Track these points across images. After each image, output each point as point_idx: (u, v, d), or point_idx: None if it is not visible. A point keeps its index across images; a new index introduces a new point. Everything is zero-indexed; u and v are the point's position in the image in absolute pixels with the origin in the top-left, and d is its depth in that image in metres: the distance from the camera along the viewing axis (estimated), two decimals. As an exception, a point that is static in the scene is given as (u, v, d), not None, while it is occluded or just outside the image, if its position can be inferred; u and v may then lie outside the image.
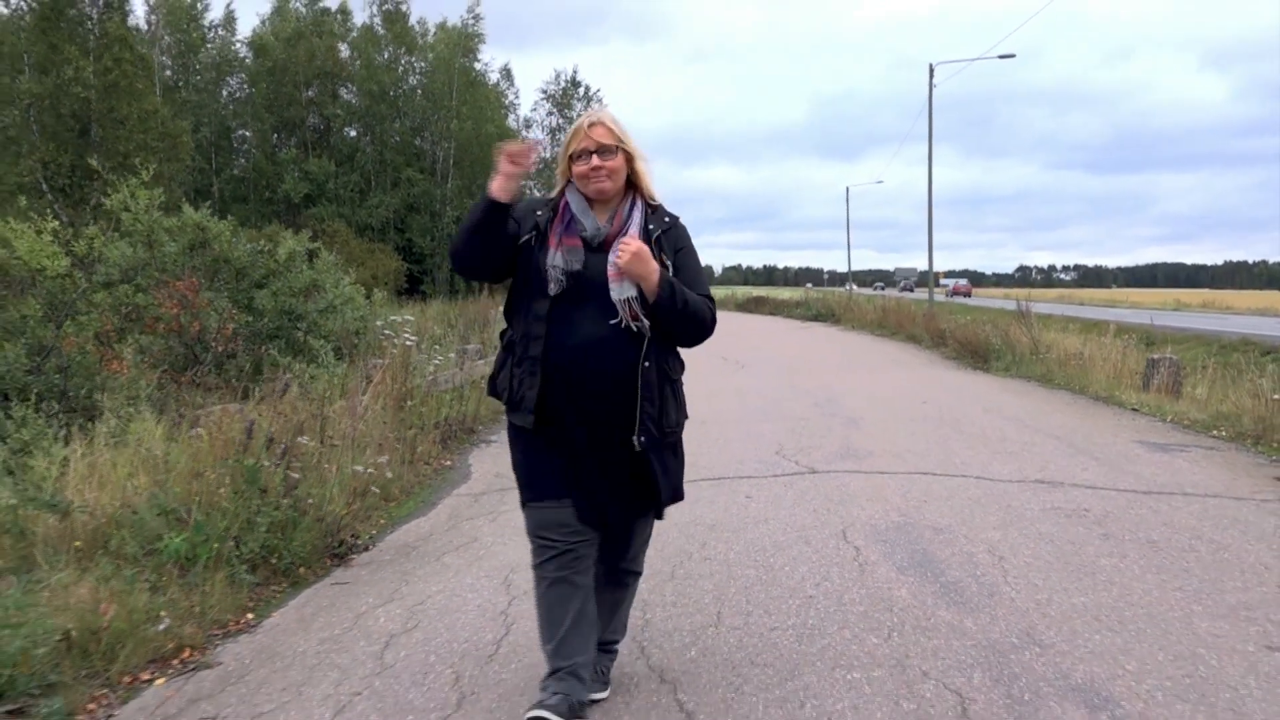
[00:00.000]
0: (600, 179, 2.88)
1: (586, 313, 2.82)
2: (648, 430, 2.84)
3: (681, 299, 2.80)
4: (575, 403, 2.83)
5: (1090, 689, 3.09)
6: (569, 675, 2.85)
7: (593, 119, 2.94)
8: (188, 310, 9.53)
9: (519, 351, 2.91)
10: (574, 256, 2.83)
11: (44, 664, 3.33)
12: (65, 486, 5.15)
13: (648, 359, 2.82)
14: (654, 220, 2.94)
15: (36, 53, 28.84)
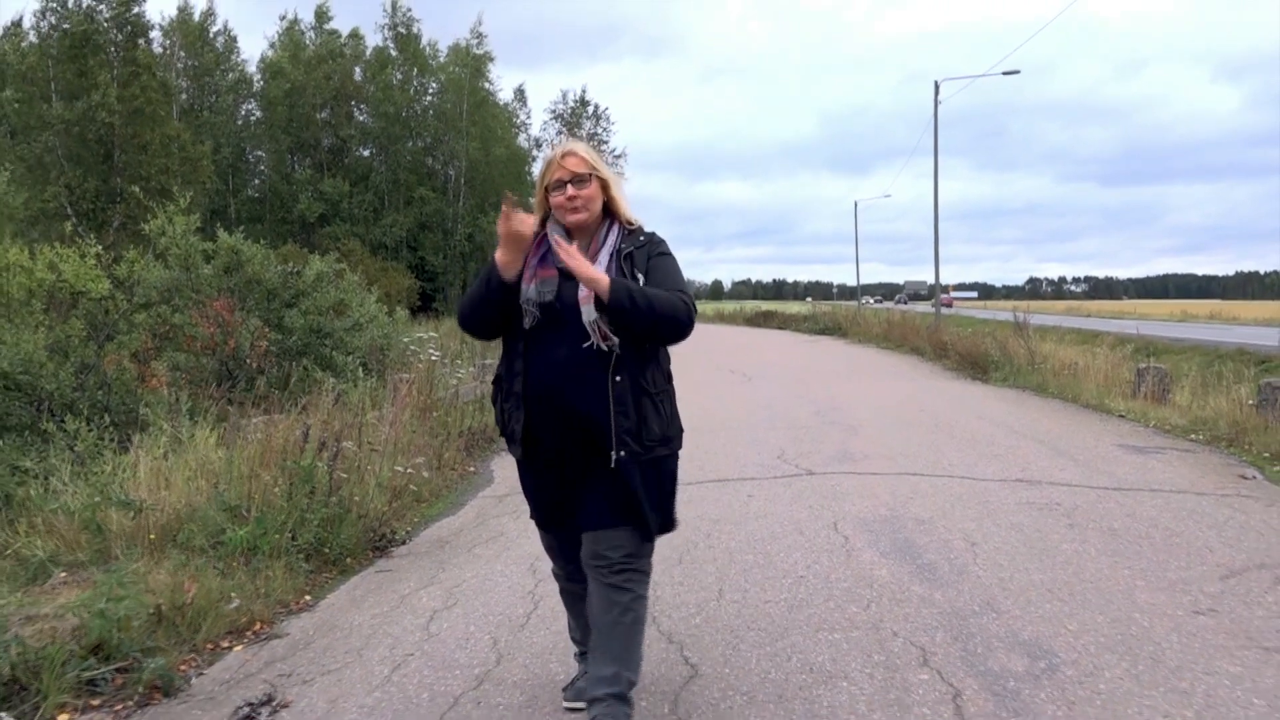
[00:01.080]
0: (576, 208, 2.92)
1: (562, 340, 2.86)
2: (626, 444, 2.84)
3: (643, 299, 2.76)
4: (560, 428, 2.90)
5: (1034, 644, 3.63)
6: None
7: (565, 149, 2.98)
8: (223, 329, 10.13)
9: (505, 387, 3.02)
10: (546, 287, 2.88)
11: (141, 632, 3.90)
12: (133, 489, 5.73)
13: (619, 374, 2.84)
14: (628, 240, 2.97)
15: (64, 79, 29.68)
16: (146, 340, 10.81)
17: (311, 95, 48.87)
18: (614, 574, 2.92)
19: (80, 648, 3.68)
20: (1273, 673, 3.33)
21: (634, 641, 2.97)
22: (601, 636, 2.94)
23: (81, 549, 5.20)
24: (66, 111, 28.51)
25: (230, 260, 10.60)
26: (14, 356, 9.12)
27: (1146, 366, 11.87)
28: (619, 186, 3.03)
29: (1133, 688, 3.22)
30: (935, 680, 3.31)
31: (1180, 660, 3.46)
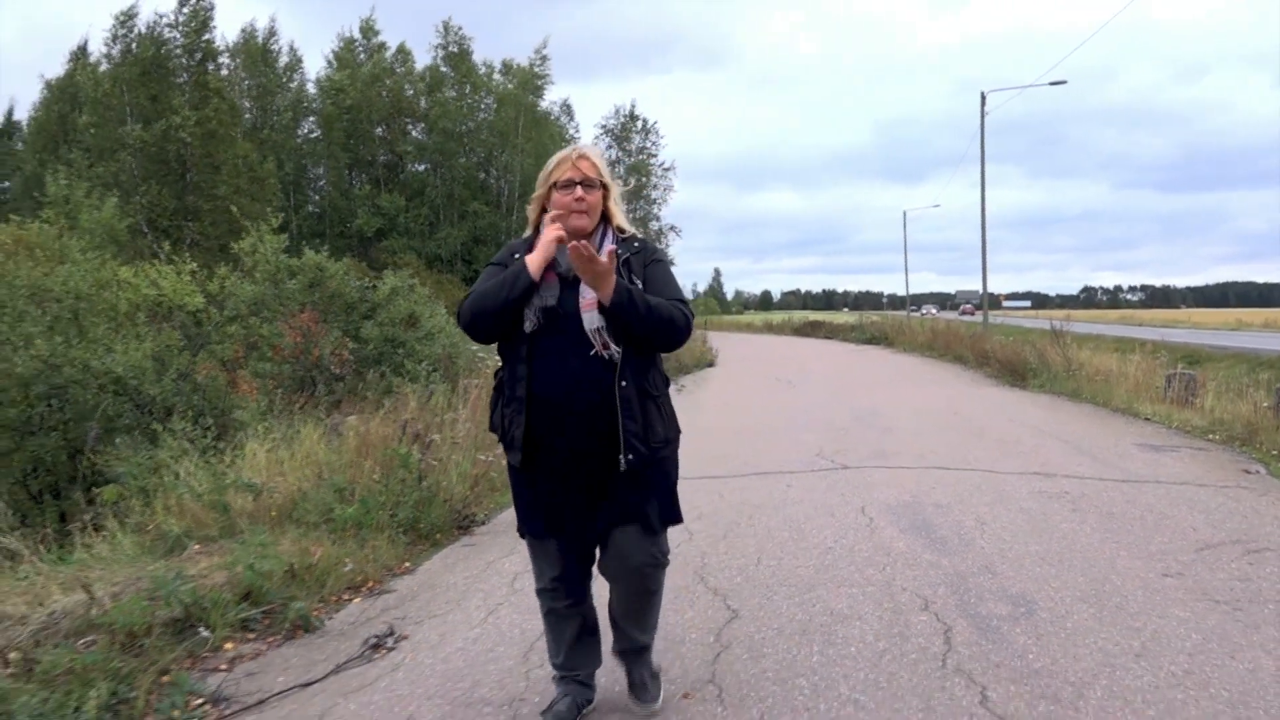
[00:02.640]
0: (583, 210, 2.97)
1: (564, 345, 2.89)
2: (634, 448, 2.89)
3: (643, 304, 2.81)
4: (563, 434, 2.92)
5: (1020, 596, 4.34)
6: (573, 681, 3.24)
7: (581, 151, 3.04)
8: (309, 339, 11.08)
9: (507, 391, 3.01)
10: (549, 292, 2.91)
11: (280, 584, 4.75)
12: (250, 477, 6.62)
13: (624, 379, 2.88)
14: (623, 247, 3.02)
15: (138, 103, 31.28)
16: (238, 349, 11.82)
17: (368, 112, 50.37)
18: (642, 578, 3.09)
19: (233, 595, 4.54)
20: (1216, 618, 4.02)
21: (656, 613, 3.29)
22: (631, 615, 3.20)
23: (209, 526, 6.08)
24: (144, 133, 30.04)
25: (314, 276, 11.56)
26: (126, 364, 10.13)
27: (1174, 373, 12.39)
28: (617, 197, 3.11)
29: (1094, 626, 3.93)
30: (932, 620, 4.05)
31: (1140, 608, 4.16)
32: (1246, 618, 4.00)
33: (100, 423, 10.25)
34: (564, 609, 3.16)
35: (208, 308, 12.01)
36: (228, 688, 3.66)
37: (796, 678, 3.49)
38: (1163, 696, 3.22)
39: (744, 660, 3.68)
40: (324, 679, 3.74)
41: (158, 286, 11.78)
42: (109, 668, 3.61)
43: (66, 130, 45.34)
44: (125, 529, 6.25)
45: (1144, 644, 3.72)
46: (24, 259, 11.73)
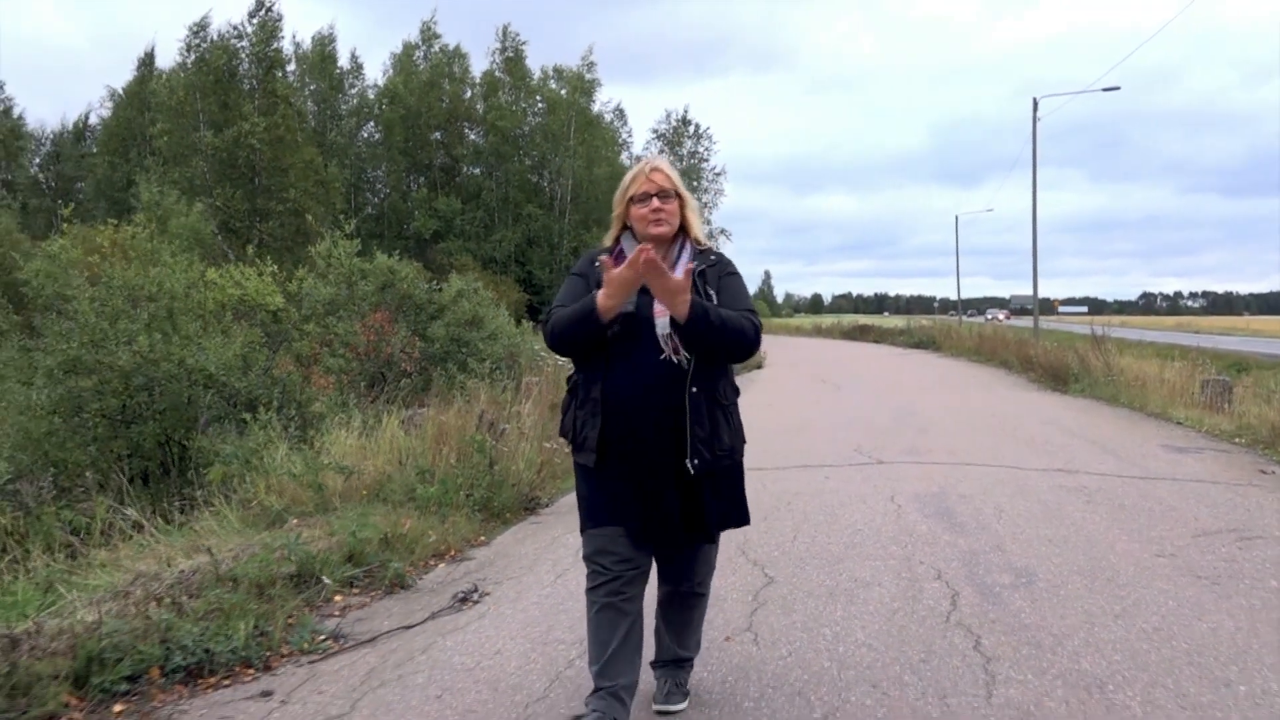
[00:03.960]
0: (660, 221, 3.07)
1: (640, 350, 2.96)
2: (700, 454, 2.97)
3: (717, 317, 2.89)
4: (634, 434, 2.98)
5: (1023, 569, 4.94)
6: (610, 696, 3.03)
7: (653, 164, 3.14)
8: (382, 338, 11.88)
9: (581, 394, 3.10)
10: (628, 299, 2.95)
11: (377, 549, 5.47)
12: (341, 460, 7.38)
13: (695, 385, 2.96)
14: (699, 259, 3.10)
15: (210, 111, 32.63)
16: (315, 347, 12.66)
17: (426, 118, 51.63)
18: (696, 584, 3.28)
19: (339, 557, 5.28)
20: (1194, 590, 4.59)
21: (700, 626, 3.43)
22: (674, 631, 3.35)
23: (306, 503, 6.84)
24: (216, 140, 31.37)
25: (386, 278, 12.37)
26: (218, 360, 11.00)
27: (1210, 379, 12.77)
28: (694, 208, 3.20)
29: (1083, 594, 4.52)
30: (943, 587, 4.67)
31: (1128, 580, 4.73)
32: (1221, 590, 4.57)
33: (193, 413, 11.14)
34: (618, 603, 3.08)
35: (287, 307, 12.85)
36: (344, 628, 4.39)
37: (821, 628, 4.13)
38: (1130, 646, 3.82)
39: (777, 614, 4.33)
40: (422, 623, 4.45)
41: (241, 287, 12.64)
42: (247, 608, 4.34)
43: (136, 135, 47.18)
44: (231, 505, 7.04)
45: (1124, 608, 4.31)
46: (119, 261, 12.67)
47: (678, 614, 3.35)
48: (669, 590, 3.33)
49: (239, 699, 3.60)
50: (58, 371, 11.22)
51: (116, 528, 7.10)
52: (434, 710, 3.41)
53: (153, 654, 3.82)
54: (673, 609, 3.35)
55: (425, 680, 3.71)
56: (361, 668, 3.88)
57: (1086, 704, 3.27)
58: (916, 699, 3.35)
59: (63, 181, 55.66)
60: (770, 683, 3.54)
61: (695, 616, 3.39)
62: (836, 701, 3.35)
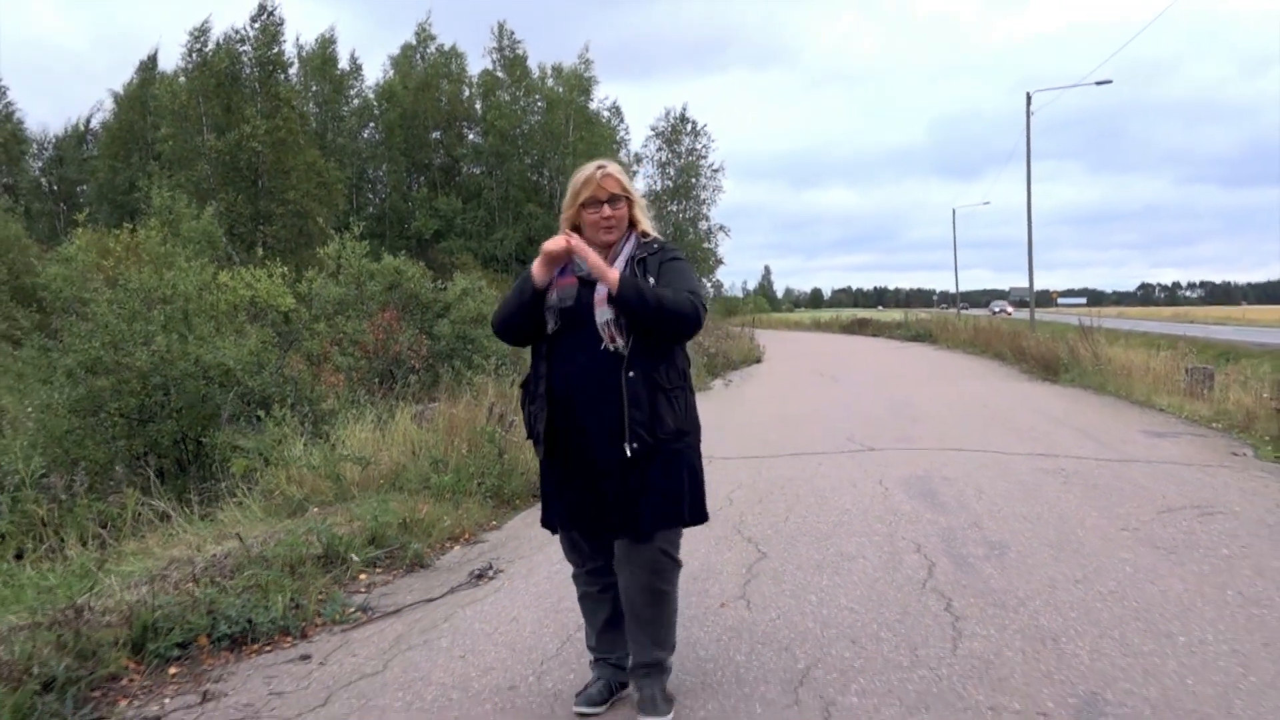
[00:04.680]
0: (610, 227, 3.15)
1: (580, 342, 3.06)
2: (639, 437, 3.00)
3: (651, 295, 2.97)
4: (578, 425, 3.08)
5: (996, 542, 5.34)
6: (606, 664, 3.42)
7: (604, 170, 3.16)
8: (390, 336, 12.28)
9: (531, 388, 3.24)
10: (567, 294, 3.09)
11: (396, 532, 5.87)
12: (357, 452, 7.77)
13: (631, 369, 3.02)
14: (642, 248, 3.18)
15: (213, 114, 33.03)
16: (325, 346, 13.06)
17: (425, 118, 52.01)
18: (650, 573, 3.16)
19: (361, 539, 5.67)
20: (1152, 558, 4.98)
21: (670, 625, 3.29)
22: (640, 625, 3.23)
23: (325, 493, 7.23)
24: (218, 143, 31.77)
25: (393, 278, 12.77)
26: (234, 358, 11.40)
27: (1193, 367, 13.16)
28: (643, 207, 3.27)
29: (1049, 562, 4.92)
30: (921, 558, 5.07)
31: (1092, 550, 5.13)
32: (1176, 559, 4.96)
33: (208, 411, 11.54)
34: (595, 594, 3.35)
35: (297, 308, 13.25)
36: (370, 602, 4.79)
37: (808, 594, 4.52)
38: (1086, 605, 4.21)
39: (768, 584, 4.73)
40: (443, 597, 4.85)
41: (252, 288, 13.04)
42: (282, 584, 4.73)
43: (137, 138, 47.58)
44: (254, 496, 7.43)
45: (1085, 574, 4.70)
46: (133, 264, 13.06)
47: (643, 605, 3.20)
48: (627, 589, 3.22)
49: (280, 662, 4.00)
50: (78, 371, 11.61)
51: (144, 519, 7.49)
52: (459, 668, 3.81)
53: (200, 624, 4.23)
54: (630, 600, 3.23)
55: (449, 644, 4.10)
56: (390, 634, 4.28)
57: (1041, 654, 3.66)
58: (890, 651, 3.74)
59: (65, 185, 56.06)
60: (760, 640, 3.94)
61: (659, 612, 3.23)
62: (819, 654, 3.74)
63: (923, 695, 3.31)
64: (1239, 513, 6.00)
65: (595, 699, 3.32)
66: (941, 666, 3.57)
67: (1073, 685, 3.35)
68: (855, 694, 3.35)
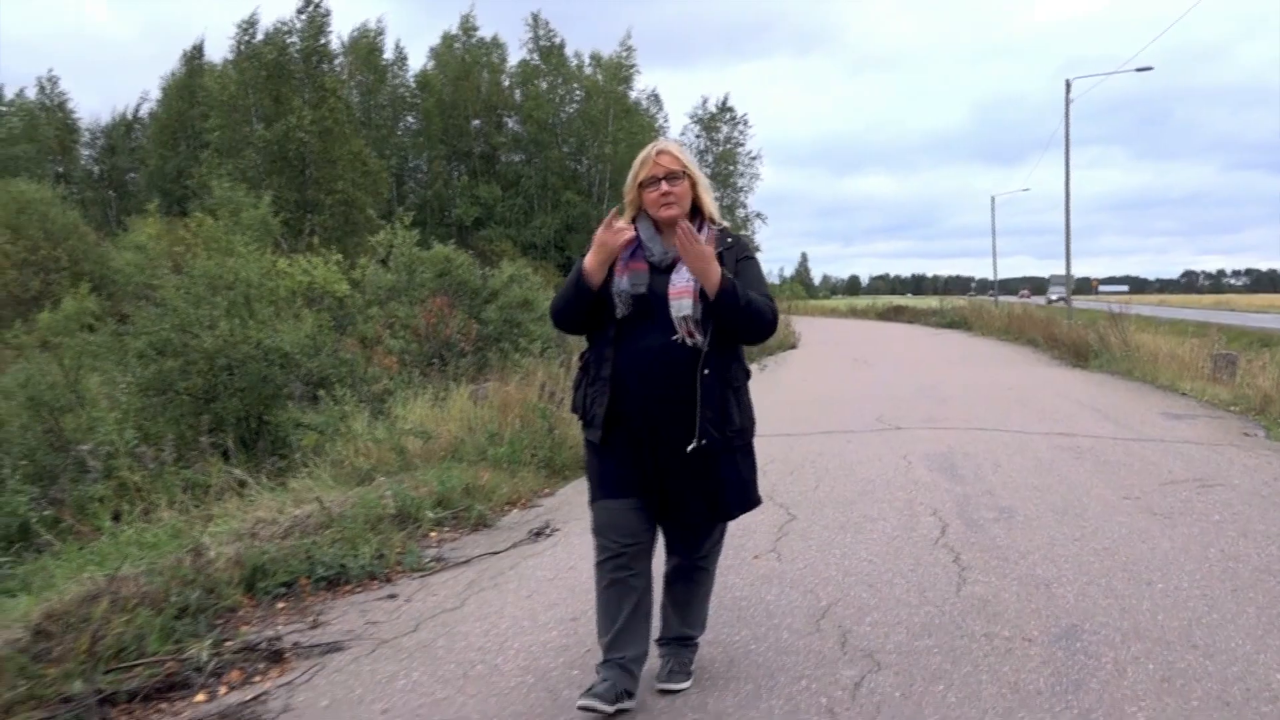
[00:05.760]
0: (670, 203, 3.11)
1: (651, 330, 3.05)
2: (708, 433, 3.03)
3: (744, 298, 2.98)
4: (643, 413, 3.07)
5: (1007, 508, 5.86)
6: (618, 666, 3.15)
7: (659, 147, 3.18)
8: (441, 320, 12.93)
9: (592, 372, 3.21)
10: (639, 280, 3.07)
11: (460, 496, 6.48)
12: (419, 425, 8.41)
13: (706, 367, 3.03)
14: (717, 241, 3.16)
15: (262, 105, 33.95)
16: (378, 329, 13.74)
17: (465, 107, 52.77)
18: (701, 558, 3.38)
19: (430, 502, 6.29)
20: (1147, 522, 5.48)
21: (704, 604, 3.49)
22: (676, 604, 3.41)
23: (390, 464, 7.86)
24: (266, 132, 32.68)
25: (443, 266, 13.42)
26: (293, 341, 12.10)
27: (1219, 353, 13.52)
28: (706, 187, 3.23)
29: (1053, 525, 5.44)
30: (935, 520, 5.60)
31: (1094, 515, 5.64)
32: (1170, 523, 5.46)
33: (269, 391, 12.26)
34: (625, 579, 3.17)
35: (352, 293, 13.94)
36: (443, 554, 5.41)
37: (832, 549, 5.08)
38: (1079, 559, 4.74)
39: (797, 541, 5.29)
40: (506, 550, 5.46)
41: (309, 274, 13.74)
42: (365, 537, 5.36)
43: (185, 127, 48.73)
44: (323, 466, 8.08)
45: (1083, 534, 5.22)
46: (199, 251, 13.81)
47: (683, 589, 3.40)
48: (675, 564, 3.39)
49: (371, 600, 4.62)
50: (149, 353, 12.37)
51: (225, 488, 8.16)
52: (526, 604, 4.41)
53: (300, 568, 4.87)
54: (678, 584, 3.40)
55: (516, 586, 4.71)
56: (463, 579, 4.89)
57: (1033, 596, 4.20)
58: (901, 593, 4.30)
59: (115, 174, 57.45)
60: (788, 584, 4.51)
61: (700, 592, 3.45)
62: (839, 595, 4.31)
63: (926, 625, 3.87)
64: (1237, 485, 6.47)
65: (605, 695, 3.06)
66: (945, 604, 4.12)
67: (1057, 619, 3.89)
68: (869, 625, 3.91)
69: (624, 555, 3.17)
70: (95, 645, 3.68)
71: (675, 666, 3.39)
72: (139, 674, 3.60)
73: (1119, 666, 3.40)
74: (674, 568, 3.41)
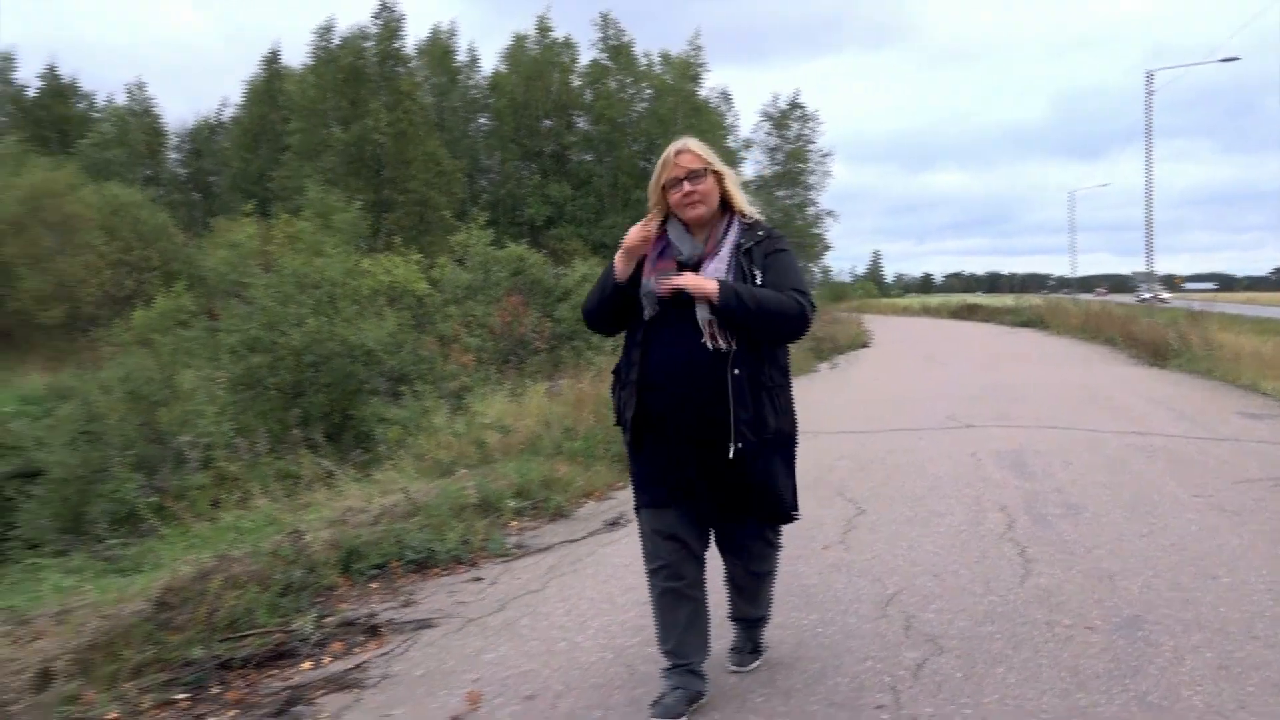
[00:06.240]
0: (694, 203, 3.07)
1: (680, 331, 2.99)
2: (744, 436, 2.96)
3: (752, 300, 2.92)
4: (673, 416, 3.02)
5: (1075, 504, 5.94)
6: (686, 671, 3.16)
7: (679, 147, 3.12)
8: (516, 319, 13.27)
9: (622, 375, 3.20)
10: (666, 278, 3.02)
11: (539, 487, 6.75)
12: (498, 420, 8.71)
13: (737, 367, 2.96)
14: (746, 235, 3.09)
15: (340, 109, 34.86)
16: (455, 328, 14.14)
17: (535, 107, 53.37)
18: (753, 559, 3.36)
19: (510, 493, 6.57)
20: (1216, 519, 5.52)
21: (769, 590, 3.53)
22: (741, 594, 3.47)
23: (470, 457, 8.16)
24: (344, 135, 33.54)
25: (517, 265, 13.75)
26: (375, 338, 12.52)
27: (1302, 352, 13.25)
28: (734, 180, 3.17)
29: (1121, 521, 5.51)
30: (1002, 515, 5.71)
31: (1163, 513, 5.69)
32: (1240, 521, 5.49)
33: (352, 387, 12.71)
34: (679, 588, 3.16)
35: (431, 292, 14.35)
36: (523, 541, 5.67)
37: (899, 541, 5.23)
38: (1145, 554, 4.82)
39: (865, 534, 5.44)
40: (584, 538, 5.70)
41: (391, 274, 14.18)
42: (451, 524, 5.64)
43: (266, 130, 50.07)
44: (407, 459, 8.43)
45: (1151, 530, 5.29)
46: (290, 252, 14.34)
47: (742, 586, 3.45)
48: (728, 567, 3.42)
49: (458, 582, 4.90)
50: (240, 349, 12.90)
51: (314, 479, 8.55)
52: (603, 588, 4.64)
53: (392, 551, 5.17)
54: (736, 581, 3.45)
55: (594, 571, 4.95)
56: (544, 564, 5.14)
57: (1097, 587, 4.31)
58: (966, 583, 4.44)
59: (200, 176, 59.26)
60: (856, 573, 4.67)
61: (759, 587, 3.46)
62: (905, 584, 4.46)
63: (989, 613, 4.01)
64: (1313, 485, 6.45)
65: (674, 710, 3.09)
66: (1009, 594, 4.25)
67: (1119, 609, 4.00)
68: (933, 611, 4.07)
69: (671, 565, 3.16)
70: (212, 616, 4.00)
71: (743, 645, 3.53)
72: (250, 643, 3.92)
73: (1178, 654, 3.51)
74: (728, 570, 3.44)
